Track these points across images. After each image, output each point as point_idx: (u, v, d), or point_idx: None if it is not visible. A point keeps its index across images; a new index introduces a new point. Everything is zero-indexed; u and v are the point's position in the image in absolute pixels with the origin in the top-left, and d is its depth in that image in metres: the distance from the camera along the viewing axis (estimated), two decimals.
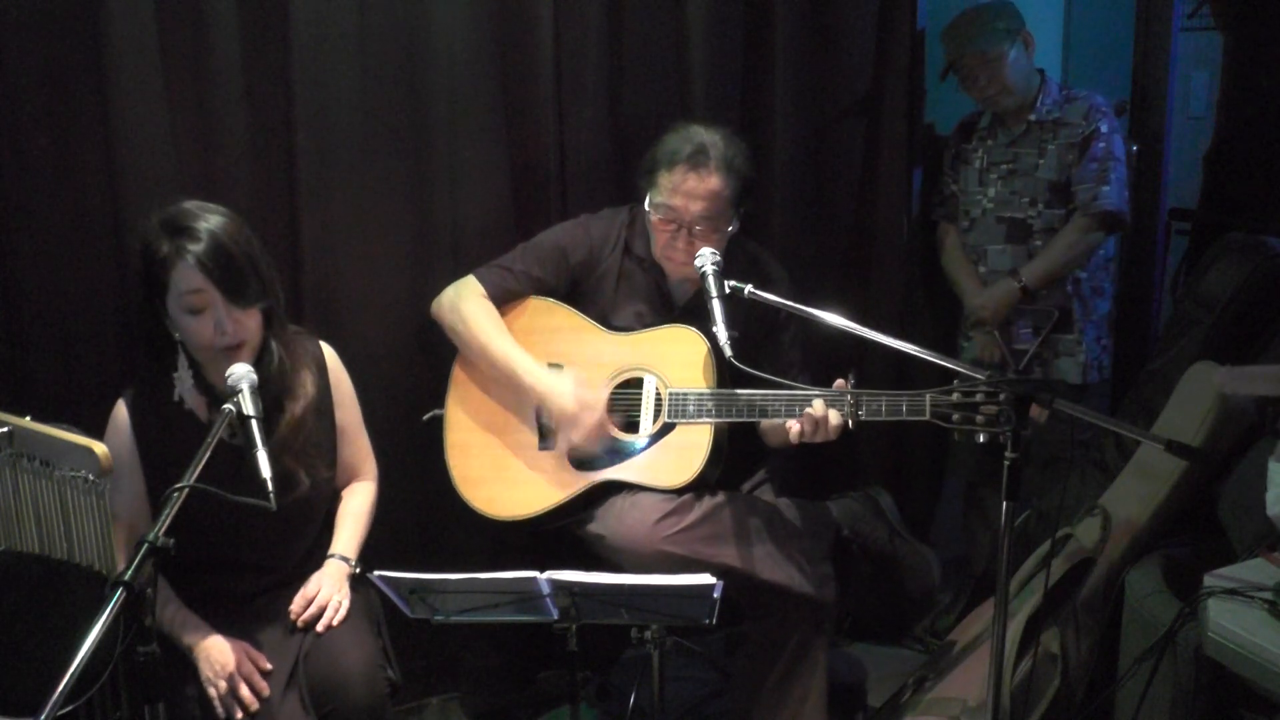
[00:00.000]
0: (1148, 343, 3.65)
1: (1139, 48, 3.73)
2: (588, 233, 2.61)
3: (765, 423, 2.46)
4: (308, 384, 2.22)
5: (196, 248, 2.02)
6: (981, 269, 3.18)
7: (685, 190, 2.40)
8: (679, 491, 2.43)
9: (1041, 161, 3.06)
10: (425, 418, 2.64)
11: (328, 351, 2.34)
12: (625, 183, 2.61)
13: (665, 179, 2.43)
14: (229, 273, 2.04)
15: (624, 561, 2.38)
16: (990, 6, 3.04)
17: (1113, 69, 3.76)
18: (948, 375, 2.16)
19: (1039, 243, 3.08)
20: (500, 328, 2.53)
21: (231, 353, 2.07)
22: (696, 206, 2.40)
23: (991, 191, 3.15)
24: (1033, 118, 3.07)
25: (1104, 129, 3.02)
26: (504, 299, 2.57)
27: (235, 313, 2.07)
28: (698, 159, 2.40)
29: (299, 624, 2.16)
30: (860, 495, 3.05)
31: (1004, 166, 3.13)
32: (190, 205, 2.09)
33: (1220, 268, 2.96)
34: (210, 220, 2.05)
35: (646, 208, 2.48)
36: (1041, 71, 3.12)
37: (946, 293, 3.32)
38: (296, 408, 2.18)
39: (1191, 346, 2.93)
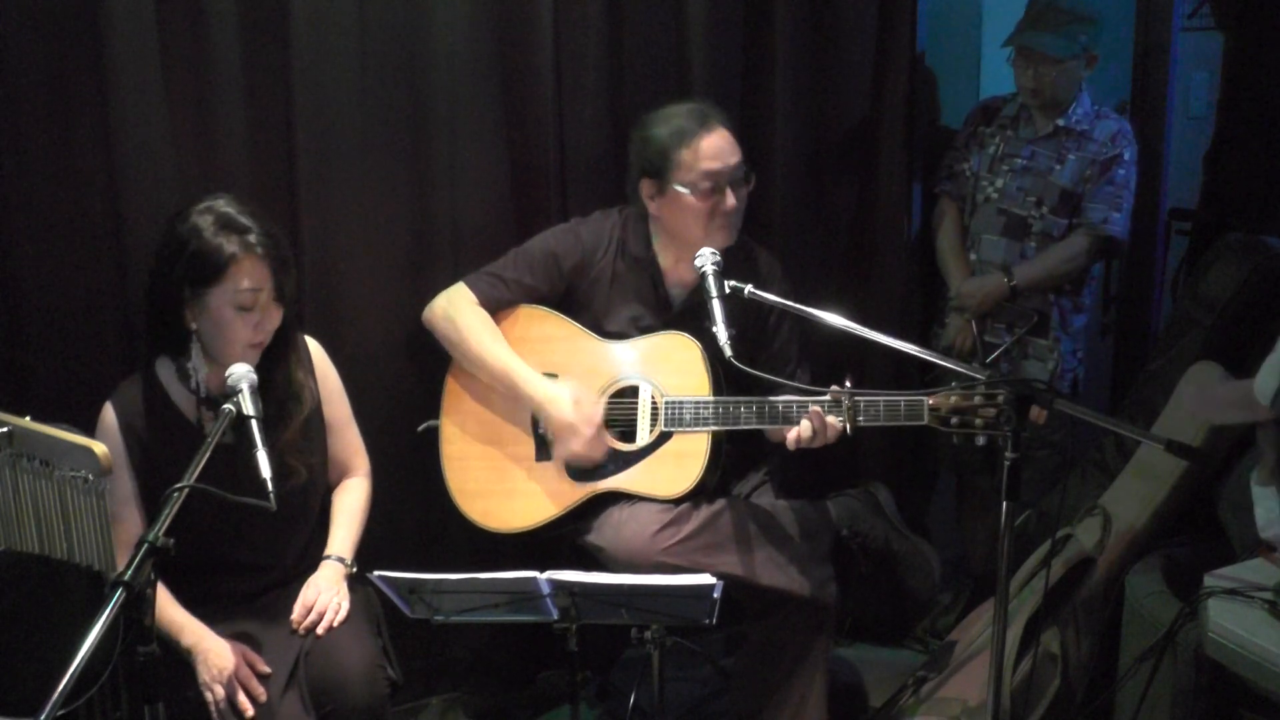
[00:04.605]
0: (1148, 343, 3.64)
1: (1139, 48, 3.72)
2: (579, 237, 2.58)
3: None
4: (310, 387, 2.25)
5: (262, 245, 2.10)
6: (972, 255, 3.15)
7: (716, 151, 2.42)
8: (677, 501, 2.42)
9: (1058, 167, 3.02)
10: (420, 429, 2.62)
11: (313, 346, 2.35)
12: (625, 182, 2.60)
13: (687, 155, 2.41)
14: (284, 269, 2.15)
15: (622, 573, 2.37)
16: (1090, 12, 2.94)
17: (1113, 69, 3.75)
18: (948, 376, 2.16)
19: (1033, 244, 3.05)
20: (497, 336, 2.51)
21: (254, 350, 2.13)
22: (734, 158, 2.44)
23: (1000, 182, 3.10)
24: (1061, 122, 3.02)
25: (1127, 156, 3.00)
26: (496, 307, 2.54)
27: (273, 310, 2.14)
28: (706, 120, 2.43)
29: (300, 631, 2.16)
30: (859, 492, 3.05)
31: (1018, 160, 3.08)
32: (233, 205, 2.14)
33: (1220, 268, 2.96)
34: (259, 220, 2.13)
35: (679, 189, 2.41)
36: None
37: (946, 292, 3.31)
38: (302, 412, 2.21)
39: (1191, 346, 2.93)
